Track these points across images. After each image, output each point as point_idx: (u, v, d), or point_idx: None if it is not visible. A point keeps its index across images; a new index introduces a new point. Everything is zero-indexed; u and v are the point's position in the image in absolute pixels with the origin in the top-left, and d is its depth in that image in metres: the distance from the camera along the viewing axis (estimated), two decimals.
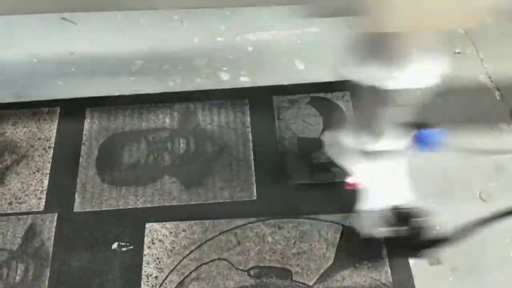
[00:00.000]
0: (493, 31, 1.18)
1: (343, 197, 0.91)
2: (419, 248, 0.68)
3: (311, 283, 0.82)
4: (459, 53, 1.14)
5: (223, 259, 0.84)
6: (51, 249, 0.86)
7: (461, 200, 0.93)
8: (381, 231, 0.68)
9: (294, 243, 0.86)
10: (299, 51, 1.14)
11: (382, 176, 0.74)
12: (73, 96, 1.06)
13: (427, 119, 0.70)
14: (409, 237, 0.67)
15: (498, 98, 1.07)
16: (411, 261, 0.85)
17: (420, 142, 0.69)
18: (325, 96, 1.04)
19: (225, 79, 1.10)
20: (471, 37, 1.17)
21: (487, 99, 1.07)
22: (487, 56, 1.13)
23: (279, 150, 0.97)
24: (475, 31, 1.17)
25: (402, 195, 0.72)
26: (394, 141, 0.69)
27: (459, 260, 0.86)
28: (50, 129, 1.01)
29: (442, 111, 1.01)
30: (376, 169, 0.73)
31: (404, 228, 0.67)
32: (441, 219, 0.89)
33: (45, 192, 0.92)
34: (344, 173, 0.80)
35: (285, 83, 1.07)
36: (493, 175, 0.95)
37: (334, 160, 0.78)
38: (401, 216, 0.68)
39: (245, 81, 1.09)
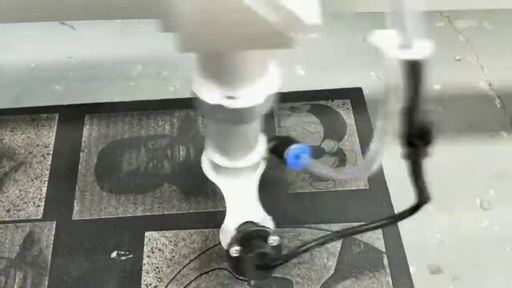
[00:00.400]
0: (494, 38, 1.18)
1: (343, 206, 0.91)
2: (258, 269, 0.63)
3: None
4: (459, 60, 1.14)
5: (223, 269, 0.84)
6: (49, 258, 0.86)
7: (461, 208, 0.93)
8: (232, 249, 0.65)
9: None
10: (300, 57, 1.14)
11: (237, 193, 0.72)
12: (71, 102, 1.05)
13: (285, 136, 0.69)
14: (247, 257, 0.63)
15: (498, 105, 1.07)
16: (412, 270, 0.84)
17: (290, 159, 0.68)
18: (326, 104, 1.04)
19: None
20: (471, 44, 1.17)
21: (487, 107, 1.07)
22: (487, 63, 1.13)
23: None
24: (476, 38, 1.17)
25: (254, 213, 0.70)
26: (244, 158, 0.67)
27: (460, 269, 0.86)
28: (49, 136, 1.00)
29: (442, 118, 1.01)
30: (234, 186, 0.72)
31: (247, 247, 0.64)
32: (441, 227, 0.90)
33: (43, 199, 0.92)
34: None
35: (285, 89, 1.06)
36: (493, 183, 0.95)
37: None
38: (243, 236, 0.65)
39: None
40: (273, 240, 0.65)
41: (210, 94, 0.52)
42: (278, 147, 0.70)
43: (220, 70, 0.50)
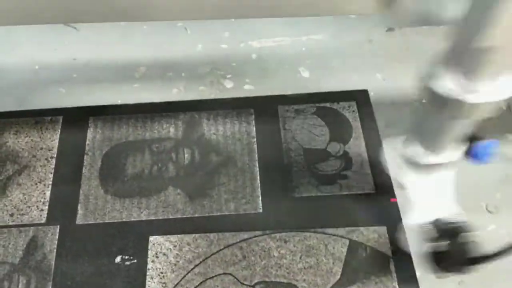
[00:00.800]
0: None
1: (350, 210, 0.90)
2: (464, 264, 0.65)
3: None
4: None
5: (228, 273, 0.83)
6: (53, 262, 0.85)
7: (468, 212, 0.92)
8: (425, 245, 0.67)
9: (301, 257, 0.85)
10: (304, 58, 1.13)
11: (430, 189, 0.73)
12: (75, 104, 1.05)
13: (478, 131, 0.69)
14: (453, 252, 0.65)
15: (504, 108, 1.06)
16: (418, 275, 0.84)
17: (474, 154, 0.68)
18: (331, 106, 1.03)
19: (229, 87, 1.09)
20: None
21: (499, 109, 1.06)
22: None
23: (285, 162, 0.96)
24: None
25: (449, 209, 0.71)
26: (450, 154, 0.68)
27: (466, 274, 0.85)
28: (53, 139, 0.99)
29: None
30: (426, 182, 0.73)
31: (448, 242, 0.66)
32: None
33: (47, 203, 0.91)
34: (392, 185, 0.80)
35: (290, 91, 1.06)
36: (499, 187, 0.94)
37: (387, 170, 0.77)
38: (445, 230, 0.67)
39: (249, 89, 1.08)
40: (472, 235, 0.66)
41: (454, 87, 0.53)
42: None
43: (473, 64, 0.51)
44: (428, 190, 0.73)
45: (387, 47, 1.14)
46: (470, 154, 0.68)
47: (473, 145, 0.68)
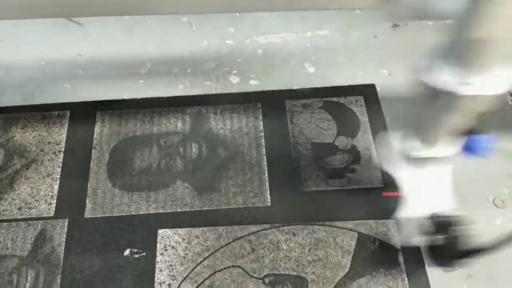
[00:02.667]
0: None
1: (358, 203, 0.90)
2: (456, 258, 0.66)
3: None
4: None
5: (237, 266, 0.83)
6: (62, 256, 0.85)
7: (475, 206, 0.92)
8: (420, 239, 0.67)
9: (309, 250, 0.85)
10: (309, 54, 1.13)
11: (425, 183, 0.73)
12: (81, 99, 1.05)
13: (476, 126, 0.69)
14: (447, 246, 0.66)
15: (510, 102, 1.06)
16: (428, 269, 0.84)
17: (470, 148, 0.68)
18: (338, 101, 1.03)
19: (235, 82, 1.09)
20: None
21: (499, 104, 1.06)
22: None
23: (293, 156, 0.96)
24: None
25: (444, 203, 0.71)
26: (445, 148, 0.68)
27: (474, 268, 0.85)
28: (60, 133, 0.99)
29: None
30: (420, 176, 0.73)
31: (442, 236, 0.66)
32: None
33: (55, 197, 0.91)
34: (386, 179, 0.79)
35: (295, 86, 1.06)
36: (506, 181, 0.95)
37: (380, 164, 0.77)
38: (440, 224, 0.67)
39: (254, 84, 1.08)
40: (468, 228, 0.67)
41: (447, 79, 0.53)
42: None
43: (469, 57, 0.51)
44: (424, 185, 0.73)
45: (392, 42, 1.14)
46: (464, 147, 0.69)
47: (468, 139, 0.68)
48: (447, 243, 0.65)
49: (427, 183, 0.73)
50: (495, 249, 0.67)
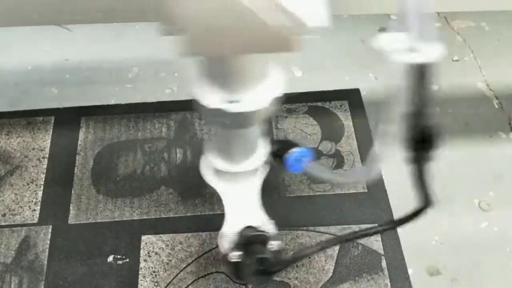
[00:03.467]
0: (492, 38, 1.18)
1: (342, 209, 0.90)
2: (254, 274, 0.61)
3: None
4: (457, 60, 1.14)
5: (221, 272, 0.83)
6: (45, 262, 0.85)
7: (461, 210, 0.92)
8: (232, 254, 0.62)
9: None
10: (296, 58, 1.13)
11: (239, 197, 0.70)
12: (68, 105, 1.04)
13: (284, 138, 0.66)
14: (244, 262, 0.61)
15: (496, 106, 1.07)
16: (410, 272, 0.84)
17: (291, 163, 0.65)
18: (323, 105, 1.03)
19: None
20: (469, 45, 1.16)
21: (485, 108, 1.06)
22: (485, 63, 1.12)
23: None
24: (473, 39, 1.17)
25: (256, 218, 0.68)
26: (251, 161, 0.65)
27: (458, 271, 0.85)
28: (45, 139, 0.99)
29: (439, 119, 1.01)
30: (234, 190, 0.70)
31: (240, 252, 0.62)
32: (440, 229, 0.89)
33: (39, 203, 0.91)
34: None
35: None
36: (492, 185, 0.95)
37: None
38: (245, 239, 0.63)
39: None
40: (273, 245, 0.63)
41: (211, 97, 0.50)
42: (279, 151, 0.67)
43: (222, 73, 0.48)
44: (236, 199, 0.70)
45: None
46: (286, 164, 0.65)
47: (286, 156, 0.65)
48: (247, 260, 0.61)
49: (239, 198, 0.70)
50: (293, 262, 0.65)
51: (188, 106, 1.03)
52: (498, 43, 1.17)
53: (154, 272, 0.84)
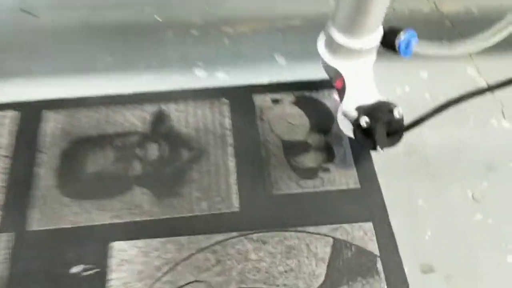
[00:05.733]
0: (482, 23, 1.13)
1: (333, 206, 0.84)
2: (384, 136, 0.71)
3: None
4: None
5: (201, 281, 0.76)
6: (5, 274, 0.76)
7: (454, 201, 0.87)
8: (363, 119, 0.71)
9: (281, 259, 0.78)
10: (280, 45, 1.07)
11: (357, 77, 0.77)
12: (31, 98, 0.95)
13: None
14: (373, 126, 0.71)
15: (488, 93, 1.02)
16: (406, 270, 0.78)
17: (404, 47, 0.72)
18: (311, 95, 0.96)
19: (200, 75, 1.01)
20: (458, 30, 1.12)
21: (477, 95, 1.02)
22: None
23: (263, 155, 0.89)
24: (463, 24, 1.12)
25: (370, 95, 0.76)
26: (370, 38, 0.73)
27: (453, 267, 0.80)
28: (5, 136, 0.90)
29: (430, 106, 0.98)
30: (352, 69, 0.77)
31: (367, 119, 0.71)
32: (433, 223, 0.83)
33: (0, 208, 0.82)
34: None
35: (266, 79, 0.99)
36: (485, 175, 0.90)
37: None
38: (366, 110, 0.72)
39: (222, 77, 1.01)
40: (398, 111, 0.71)
41: None
42: (387, 38, 0.74)
43: None
44: (355, 76, 0.77)
45: None
46: (398, 48, 0.73)
47: (397, 39, 0.72)
48: (375, 124, 0.70)
49: (357, 77, 0.77)
50: (420, 122, 0.72)
51: (164, 97, 0.96)
52: (488, 27, 1.13)
53: (126, 283, 0.76)
